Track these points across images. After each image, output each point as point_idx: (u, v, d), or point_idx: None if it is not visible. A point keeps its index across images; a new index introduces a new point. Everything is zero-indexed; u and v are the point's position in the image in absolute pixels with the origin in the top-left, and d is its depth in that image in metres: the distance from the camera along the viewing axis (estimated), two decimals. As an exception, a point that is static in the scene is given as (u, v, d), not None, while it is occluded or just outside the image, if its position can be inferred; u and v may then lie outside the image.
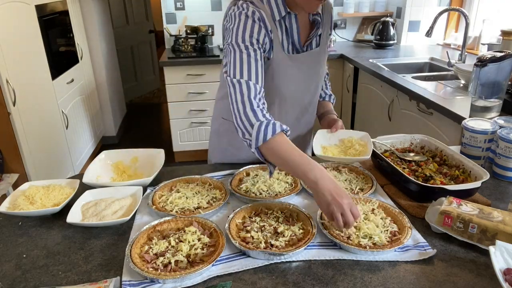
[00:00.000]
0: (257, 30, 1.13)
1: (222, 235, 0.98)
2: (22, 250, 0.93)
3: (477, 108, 1.74)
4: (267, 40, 1.17)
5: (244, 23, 1.13)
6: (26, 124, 2.43)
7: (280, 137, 1.04)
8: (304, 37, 1.29)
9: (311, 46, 1.31)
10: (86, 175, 1.24)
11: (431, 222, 1.02)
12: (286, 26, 1.23)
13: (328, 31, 1.35)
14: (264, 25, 1.15)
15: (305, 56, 1.29)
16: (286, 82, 1.28)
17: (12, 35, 2.37)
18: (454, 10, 2.99)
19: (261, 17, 1.14)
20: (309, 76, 1.33)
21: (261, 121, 1.05)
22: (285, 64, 1.25)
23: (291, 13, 1.21)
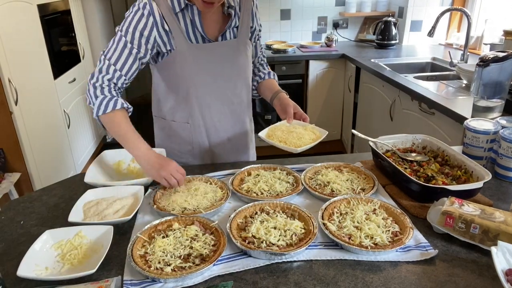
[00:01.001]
0: (143, 23, 1.21)
1: (224, 234, 0.98)
2: (24, 249, 0.93)
3: (479, 108, 1.74)
4: (154, 34, 1.23)
5: (133, 14, 1.22)
6: (28, 124, 2.44)
7: (119, 113, 1.22)
8: (216, 29, 1.32)
9: (225, 37, 1.33)
10: (88, 175, 1.25)
11: (432, 222, 1.01)
12: (190, 17, 1.26)
13: (250, 22, 1.38)
14: (154, 19, 1.21)
15: (218, 45, 1.32)
16: (196, 70, 1.31)
17: (14, 35, 2.37)
18: (456, 10, 2.98)
19: (151, 10, 1.20)
20: (226, 66, 1.35)
21: (105, 96, 1.21)
22: (192, 54, 1.28)
23: (192, 5, 1.24)
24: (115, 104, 1.21)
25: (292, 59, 3.40)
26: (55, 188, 1.29)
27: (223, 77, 1.37)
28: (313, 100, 3.56)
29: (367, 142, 1.35)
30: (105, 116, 1.21)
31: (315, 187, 1.21)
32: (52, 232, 0.99)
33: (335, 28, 3.92)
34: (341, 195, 1.14)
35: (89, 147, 3.59)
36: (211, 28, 1.31)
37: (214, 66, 1.33)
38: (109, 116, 1.21)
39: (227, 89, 1.40)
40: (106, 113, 1.20)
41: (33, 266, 0.90)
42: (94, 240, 0.99)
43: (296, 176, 1.27)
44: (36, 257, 0.93)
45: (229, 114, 1.45)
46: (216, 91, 1.38)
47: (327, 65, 3.44)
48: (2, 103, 2.25)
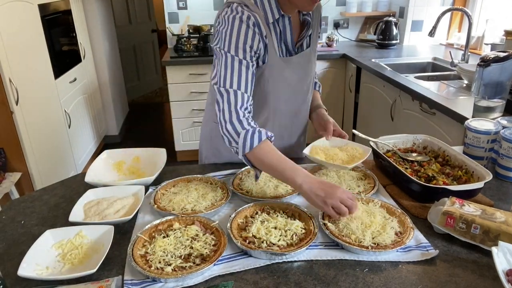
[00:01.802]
0: (251, 36, 1.12)
1: (224, 234, 0.98)
2: (25, 249, 0.93)
3: (480, 108, 1.73)
4: (261, 46, 1.16)
5: (238, 28, 1.11)
6: (29, 123, 2.44)
7: (265, 145, 1.09)
8: (295, 38, 1.28)
9: (302, 47, 1.31)
10: (88, 174, 1.25)
11: (433, 222, 1.01)
12: (280, 29, 1.21)
13: (318, 29, 1.36)
14: (259, 30, 1.13)
15: (298, 57, 1.28)
16: (281, 85, 1.28)
17: (15, 34, 2.37)
18: (457, 10, 2.98)
19: (256, 22, 1.12)
20: (301, 77, 1.33)
21: (247, 129, 1.08)
22: (279, 68, 1.24)
23: (284, 15, 1.20)
24: (260, 136, 1.08)
25: (292, 59, 3.40)
26: (56, 187, 1.29)
27: (298, 88, 1.34)
28: (314, 100, 3.55)
29: (367, 142, 1.35)
30: (252, 152, 1.08)
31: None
32: (53, 231, 1.00)
33: (335, 28, 3.92)
34: None
35: (90, 147, 3.60)
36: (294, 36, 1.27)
37: (293, 78, 1.29)
38: (257, 151, 1.08)
39: (298, 98, 1.37)
40: (253, 148, 1.08)
41: (34, 266, 0.90)
42: (95, 239, 0.99)
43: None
44: (36, 256, 0.93)
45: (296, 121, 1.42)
46: (292, 102, 1.35)
47: (328, 65, 3.44)
48: (2, 103, 2.25)
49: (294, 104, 1.37)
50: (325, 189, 0.99)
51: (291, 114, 1.39)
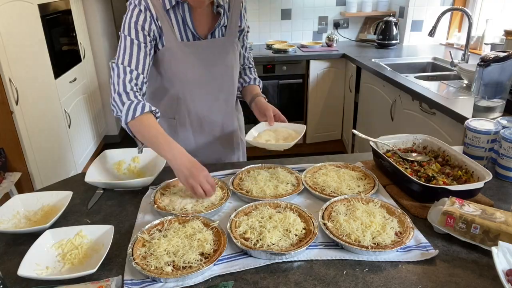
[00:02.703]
0: (143, 18, 1.23)
1: (224, 234, 0.98)
2: (25, 249, 0.93)
3: (480, 108, 1.73)
4: (153, 28, 1.25)
5: (131, 12, 1.23)
6: (29, 123, 2.44)
7: (147, 117, 1.18)
8: (206, 27, 1.34)
9: (214, 35, 1.35)
10: (88, 174, 1.25)
11: (433, 222, 1.01)
12: (180, 15, 1.28)
13: (238, 22, 1.40)
14: (150, 13, 1.23)
15: (207, 43, 1.34)
16: (185, 67, 1.33)
17: (15, 34, 2.37)
18: (457, 10, 2.98)
19: (147, 5, 1.22)
20: (213, 64, 1.36)
21: (132, 101, 1.18)
22: (181, 51, 1.30)
23: (183, 3, 1.26)
24: (143, 108, 1.17)
25: (292, 59, 3.40)
26: (56, 187, 1.29)
27: (211, 75, 1.38)
28: (314, 100, 3.56)
29: (367, 142, 1.35)
30: (134, 122, 1.17)
31: (315, 187, 1.21)
32: (53, 231, 1.00)
33: (335, 28, 3.92)
34: (342, 195, 1.14)
35: (90, 146, 3.60)
36: (201, 26, 1.33)
37: (202, 63, 1.35)
38: (138, 120, 1.17)
39: (214, 87, 1.41)
40: (135, 117, 1.16)
41: (34, 266, 0.90)
42: (95, 239, 1.00)
43: (297, 176, 1.27)
44: (36, 256, 0.93)
45: (216, 111, 1.46)
46: (203, 88, 1.39)
47: (328, 65, 3.44)
48: (3, 103, 2.25)
49: (208, 91, 1.41)
50: (190, 169, 1.09)
51: (207, 101, 1.42)
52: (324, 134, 3.73)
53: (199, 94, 1.40)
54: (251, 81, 1.55)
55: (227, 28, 1.37)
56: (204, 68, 1.36)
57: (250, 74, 1.58)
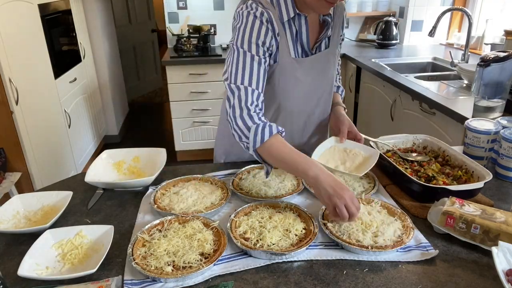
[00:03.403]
0: (264, 32, 1.12)
1: (224, 234, 0.98)
2: (25, 249, 0.93)
3: (480, 108, 1.73)
4: (273, 43, 1.16)
5: (251, 24, 1.12)
6: (29, 123, 2.44)
7: (276, 138, 1.06)
8: (313, 39, 1.26)
9: (320, 48, 1.29)
10: (88, 174, 1.25)
11: (433, 222, 1.01)
12: (296, 28, 1.20)
13: (340, 32, 1.32)
14: (272, 27, 1.13)
15: (313, 59, 1.27)
16: (292, 86, 1.27)
17: (15, 34, 2.37)
18: (457, 10, 2.98)
19: (269, 18, 1.12)
20: (315, 79, 1.31)
21: (258, 124, 1.07)
22: (291, 68, 1.23)
23: (300, 14, 1.18)
24: (271, 130, 1.06)
25: (292, 59, 3.39)
26: (56, 187, 1.29)
27: (312, 90, 1.32)
28: (314, 100, 3.55)
29: (367, 142, 1.35)
30: (263, 147, 1.06)
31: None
32: (53, 231, 1.00)
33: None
34: None
35: (90, 146, 3.59)
36: (311, 37, 1.25)
37: (307, 79, 1.28)
38: (267, 144, 1.06)
39: (312, 100, 1.35)
40: (264, 142, 1.05)
41: (34, 266, 0.90)
42: (95, 239, 1.00)
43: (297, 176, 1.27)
44: (36, 256, 0.93)
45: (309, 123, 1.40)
46: (302, 102, 1.33)
47: (328, 65, 3.43)
48: (2, 103, 2.25)
49: (307, 106, 1.35)
50: (335, 188, 0.97)
51: (303, 116, 1.37)
52: (324, 134, 3.73)
53: (298, 110, 1.34)
54: (334, 89, 1.45)
55: (330, 39, 1.30)
56: (309, 83, 1.29)
57: (335, 82, 1.46)
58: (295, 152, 1.05)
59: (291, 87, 1.27)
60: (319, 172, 1.00)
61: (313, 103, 1.36)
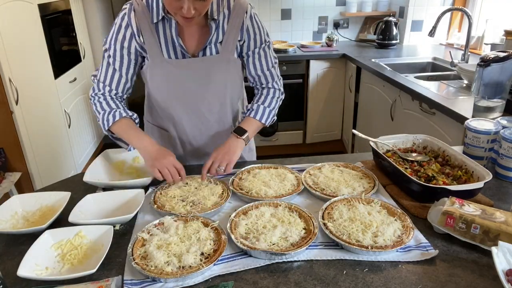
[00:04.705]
0: (122, 35, 1.24)
1: (224, 234, 0.98)
2: (24, 249, 0.93)
3: (480, 108, 1.73)
4: (134, 44, 1.25)
5: (114, 27, 1.25)
6: (29, 123, 2.44)
7: (121, 121, 1.26)
8: (196, 43, 1.28)
9: (205, 53, 1.28)
10: (87, 174, 1.24)
11: (433, 222, 1.01)
12: (168, 30, 1.24)
13: (237, 37, 1.28)
14: (131, 30, 1.23)
15: (194, 62, 1.27)
16: (170, 86, 1.30)
17: (15, 34, 2.37)
18: (457, 10, 2.98)
19: (129, 21, 1.23)
20: (199, 83, 1.30)
21: (105, 110, 1.27)
22: (163, 69, 1.27)
23: (169, 18, 1.21)
24: (114, 116, 1.26)
25: (292, 59, 3.40)
26: (56, 187, 1.29)
27: (198, 95, 1.32)
28: (314, 100, 3.56)
29: (367, 142, 1.35)
30: (112, 129, 1.27)
31: (315, 187, 1.21)
32: (52, 232, 0.99)
33: (335, 28, 3.92)
34: (341, 195, 1.14)
35: (90, 146, 3.59)
36: (191, 41, 1.27)
37: (189, 83, 1.29)
38: (114, 127, 1.26)
39: (201, 107, 1.34)
40: (110, 126, 1.26)
41: (33, 266, 0.90)
42: (94, 240, 0.99)
43: (297, 176, 1.27)
44: (36, 257, 0.93)
45: (205, 132, 1.40)
46: (188, 108, 1.34)
47: (328, 65, 3.44)
48: (2, 103, 2.25)
49: (197, 112, 1.35)
50: (156, 155, 1.18)
51: (196, 122, 1.38)
52: (324, 134, 3.73)
53: (185, 114, 1.35)
54: (247, 113, 1.36)
55: (222, 43, 1.28)
56: (192, 88, 1.30)
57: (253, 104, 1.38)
58: (133, 127, 1.26)
59: (164, 86, 1.31)
60: (146, 143, 1.21)
61: (204, 109, 1.35)
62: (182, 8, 1.08)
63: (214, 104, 1.36)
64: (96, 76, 1.31)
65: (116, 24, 1.24)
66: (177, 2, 1.08)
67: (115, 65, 1.27)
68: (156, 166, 1.16)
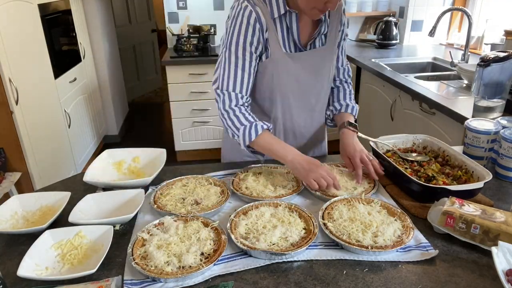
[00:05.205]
0: (251, 33, 1.20)
1: (224, 234, 0.98)
2: (24, 249, 0.93)
3: (480, 108, 1.73)
4: (261, 40, 1.22)
5: (239, 26, 1.20)
6: (29, 123, 2.44)
7: (262, 135, 1.22)
8: (306, 36, 1.30)
9: (314, 45, 1.31)
10: (87, 174, 1.24)
11: (433, 222, 1.01)
12: (287, 24, 1.24)
13: (338, 27, 1.34)
14: (260, 26, 1.19)
15: (308, 54, 1.30)
16: (287, 80, 1.30)
17: (15, 34, 2.37)
18: (457, 10, 2.98)
19: (257, 16, 1.18)
20: (312, 74, 1.33)
21: (245, 125, 1.22)
22: (284, 63, 1.27)
23: (291, 11, 1.22)
24: (256, 130, 1.21)
25: (292, 59, 3.39)
26: (56, 187, 1.29)
27: (309, 86, 1.34)
28: (314, 100, 3.55)
29: (367, 142, 1.35)
30: (252, 143, 1.23)
31: (315, 187, 1.21)
32: (52, 232, 0.99)
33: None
34: (341, 195, 1.14)
35: (90, 146, 3.59)
36: (303, 34, 1.29)
37: (302, 75, 1.31)
38: (255, 141, 1.22)
39: (311, 96, 1.38)
40: (252, 141, 1.21)
41: (33, 266, 0.90)
42: (94, 240, 0.99)
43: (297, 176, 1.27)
44: (36, 257, 0.93)
45: (310, 120, 1.43)
46: (300, 98, 1.36)
47: (328, 65, 3.43)
48: (2, 103, 2.25)
49: (306, 103, 1.38)
50: (309, 165, 1.16)
51: (304, 112, 1.40)
52: (324, 134, 3.73)
53: (296, 104, 1.36)
54: (342, 109, 1.41)
55: (327, 36, 1.32)
56: (304, 79, 1.32)
57: (343, 100, 1.43)
58: (276, 143, 1.23)
59: (285, 81, 1.30)
60: (295, 155, 1.19)
61: (313, 100, 1.39)
62: (328, 3, 1.11)
63: (321, 93, 1.40)
64: (219, 86, 1.25)
65: (243, 24, 1.19)
66: None
67: (244, 65, 1.23)
68: (312, 177, 1.13)
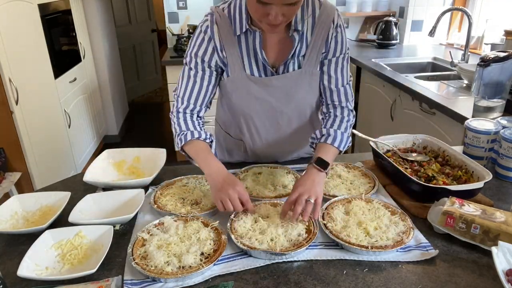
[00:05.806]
0: (204, 49, 1.18)
1: (224, 234, 0.98)
2: (24, 249, 0.93)
3: (480, 108, 1.73)
4: (216, 59, 1.18)
5: (195, 39, 1.19)
6: (29, 123, 2.44)
7: (193, 144, 1.17)
8: (277, 57, 1.19)
9: (287, 68, 1.19)
10: (87, 174, 1.24)
11: (433, 222, 1.01)
12: (251, 43, 1.15)
13: (322, 49, 1.18)
14: (214, 44, 1.16)
15: (278, 79, 1.19)
16: (247, 102, 1.25)
17: (15, 34, 2.37)
18: (457, 10, 2.98)
19: (212, 35, 1.15)
20: (280, 100, 1.24)
21: (179, 132, 1.20)
22: (244, 84, 1.21)
23: (253, 30, 1.13)
24: (185, 139, 1.17)
25: (292, 59, 3.39)
26: (56, 187, 1.29)
27: (276, 111, 1.26)
28: (314, 100, 3.55)
29: (367, 142, 1.35)
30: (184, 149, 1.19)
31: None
32: (53, 232, 0.99)
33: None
34: (341, 195, 1.14)
35: (90, 146, 3.59)
36: (274, 54, 1.19)
37: (266, 99, 1.23)
38: (186, 148, 1.18)
39: (280, 120, 1.30)
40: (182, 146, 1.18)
41: (34, 266, 0.90)
42: (94, 240, 0.99)
43: (296, 176, 1.27)
44: (36, 257, 0.93)
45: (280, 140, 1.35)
46: (266, 121, 1.30)
47: (328, 65, 3.43)
48: (2, 103, 2.25)
49: (274, 124, 1.30)
50: (224, 183, 1.05)
51: (274, 136, 1.33)
52: (324, 134, 3.73)
53: (263, 126, 1.31)
54: (322, 138, 1.19)
55: (305, 57, 1.18)
56: (270, 104, 1.24)
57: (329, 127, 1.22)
58: (202, 155, 1.15)
59: (246, 103, 1.25)
60: (214, 170, 1.09)
61: (284, 125, 1.31)
62: (270, 15, 0.98)
63: (294, 118, 1.31)
64: (175, 90, 1.25)
65: (199, 38, 1.17)
66: (264, 8, 0.98)
67: (196, 78, 1.20)
68: (220, 198, 1.03)
